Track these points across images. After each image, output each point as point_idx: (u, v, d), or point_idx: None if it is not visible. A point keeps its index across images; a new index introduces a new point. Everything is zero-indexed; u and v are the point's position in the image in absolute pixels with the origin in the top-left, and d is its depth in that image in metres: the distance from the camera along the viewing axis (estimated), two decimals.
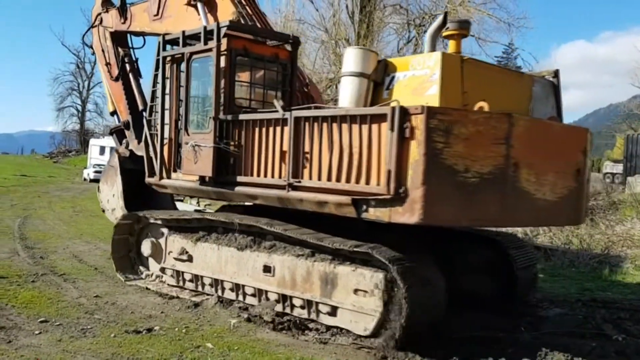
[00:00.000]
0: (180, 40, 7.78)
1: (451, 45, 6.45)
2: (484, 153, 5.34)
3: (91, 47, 11.17)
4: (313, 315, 6.27)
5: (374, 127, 5.50)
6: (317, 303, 6.19)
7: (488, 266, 7.45)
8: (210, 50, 7.25)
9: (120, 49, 10.53)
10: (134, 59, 10.53)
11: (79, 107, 73.33)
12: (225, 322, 6.34)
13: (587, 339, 6.33)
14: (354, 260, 5.90)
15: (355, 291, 5.81)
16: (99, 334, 5.74)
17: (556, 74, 7.07)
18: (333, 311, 6.08)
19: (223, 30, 7.21)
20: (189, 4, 8.72)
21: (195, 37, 7.62)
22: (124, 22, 10.23)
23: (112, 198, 9.59)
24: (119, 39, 10.61)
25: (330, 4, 28.58)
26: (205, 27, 7.50)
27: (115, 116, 10.70)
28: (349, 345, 5.72)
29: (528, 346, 5.86)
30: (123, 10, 10.20)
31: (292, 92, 7.99)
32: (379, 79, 6.25)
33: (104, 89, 10.78)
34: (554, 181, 5.97)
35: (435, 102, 5.59)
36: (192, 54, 7.59)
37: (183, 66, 7.77)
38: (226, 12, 8.43)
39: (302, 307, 6.35)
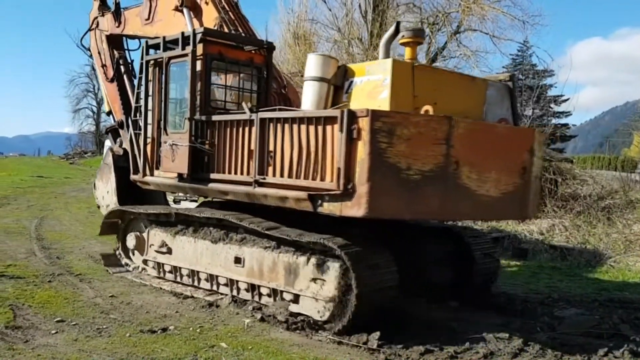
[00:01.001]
0: (161, 45, 8.26)
1: (407, 52, 6.86)
2: (425, 152, 5.83)
3: (89, 49, 11.52)
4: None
5: (328, 128, 5.98)
6: (281, 291, 6.66)
7: (451, 258, 7.96)
8: (186, 55, 7.74)
9: (115, 52, 10.89)
10: (128, 61, 10.90)
11: (95, 109, 74.00)
12: (239, 322, 6.36)
13: (604, 339, 6.27)
14: (314, 251, 6.35)
15: (314, 280, 6.29)
16: (114, 334, 5.78)
17: (512, 78, 7.51)
18: (296, 299, 6.52)
19: (198, 37, 7.69)
20: (176, 9, 9.12)
21: (174, 42, 8.05)
22: (118, 26, 10.64)
23: (106, 195, 9.99)
24: (115, 41, 10.95)
25: (343, 3, 28.52)
26: (182, 33, 7.91)
27: (110, 116, 11.03)
28: (359, 345, 5.71)
29: (544, 346, 5.81)
30: (117, 15, 10.61)
31: (267, 94, 8.43)
32: (338, 83, 6.73)
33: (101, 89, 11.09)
34: (497, 178, 6.45)
35: (386, 105, 6.08)
36: (170, 58, 8.12)
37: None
38: (210, 17, 8.87)
39: (269, 296, 6.83)
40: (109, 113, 11.07)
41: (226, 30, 8.60)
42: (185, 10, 8.99)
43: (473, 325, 6.72)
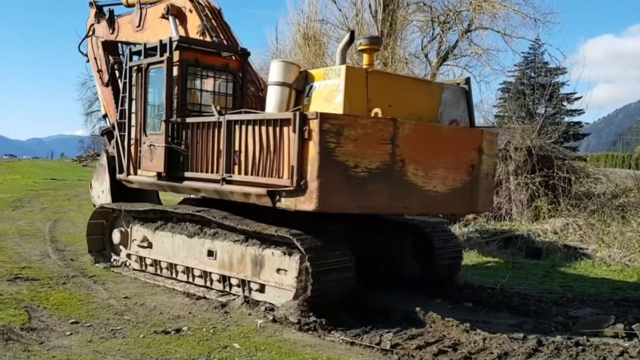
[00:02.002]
0: (143, 52, 8.76)
1: (365, 58, 7.28)
2: (372, 151, 6.29)
3: (86, 55, 11.88)
4: (247, 292, 7.20)
5: (284, 129, 6.42)
6: (249, 282, 7.14)
7: (417, 251, 8.49)
8: (163, 61, 8.22)
9: (111, 57, 11.27)
10: (123, 66, 11.11)
11: None
12: (252, 323, 6.37)
13: (619, 339, 6.20)
14: (278, 245, 6.80)
15: (278, 270, 6.77)
16: (128, 335, 5.81)
17: (467, 81, 7.93)
18: (262, 288, 7.03)
19: (175, 44, 8.18)
20: (163, 17, 9.57)
21: (154, 49, 8.50)
22: (112, 33, 11.07)
23: (101, 194, 10.35)
24: (110, 47, 11.38)
25: (353, 3, 28.48)
26: (161, 41, 8.38)
27: (106, 119, 11.42)
28: (372, 346, 5.70)
29: (559, 346, 5.76)
30: (111, 22, 11.07)
31: (242, 97, 8.87)
32: (300, 87, 7.17)
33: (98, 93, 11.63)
34: (445, 175, 6.98)
35: (340, 108, 6.49)
36: (149, 64, 8.60)
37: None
38: (194, 24, 9.31)
39: (238, 286, 7.30)
40: (105, 116, 11.49)
41: (208, 36, 9.00)
42: (170, 18, 9.42)
43: (487, 325, 6.69)
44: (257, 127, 6.77)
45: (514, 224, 14.60)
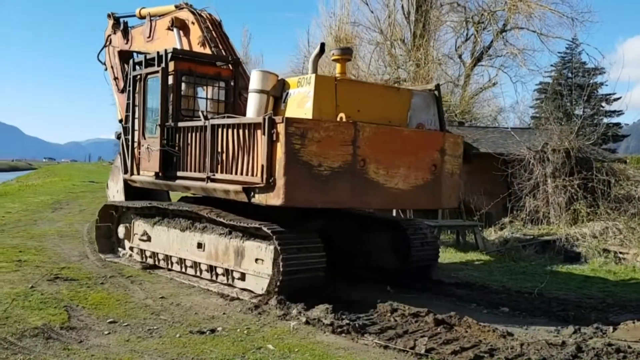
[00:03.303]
0: (143, 63, 9.52)
1: (338, 67, 8.00)
2: (334, 152, 6.93)
3: (104, 63, 12.61)
4: (230, 281, 7.88)
5: (257, 132, 7.07)
6: (232, 271, 7.80)
7: (394, 246, 8.98)
8: (158, 71, 9.02)
9: (126, 66, 11.75)
10: (129, 75, 11.67)
11: None
12: (285, 324, 6.38)
13: None
14: (256, 237, 7.42)
15: (256, 260, 7.39)
16: (164, 334, 5.88)
17: (437, 87, 8.53)
18: (242, 277, 7.68)
19: (169, 56, 8.92)
20: (169, 28, 10.39)
21: (153, 60, 9.24)
22: (126, 43, 11.87)
23: (116, 194, 11.06)
24: (125, 57, 12.00)
25: (386, 4, 28.37)
26: (158, 52, 9.16)
27: (122, 123, 11.99)
28: (406, 350, 5.64)
29: (598, 353, 5.60)
30: (125, 33, 11.90)
31: (234, 103, 9.57)
32: (277, 94, 7.78)
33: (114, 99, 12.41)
34: (406, 174, 7.60)
35: (310, 114, 7.11)
36: (147, 74, 9.38)
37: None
38: (195, 35, 10.07)
39: (223, 275, 7.99)
40: (121, 120, 12.00)
41: (207, 47, 9.74)
42: (175, 30, 10.26)
43: (524, 330, 6.56)
44: (235, 131, 7.48)
45: (552, 227, 14.27)
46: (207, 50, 9.75)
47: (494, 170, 15.96)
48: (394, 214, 15.34)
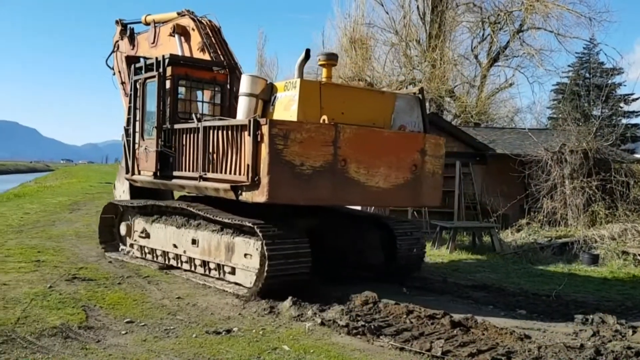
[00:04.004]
0: (143, 68, 9.95)
1: (324, 72, 8.36)
2: (315, 152, 7.27)
3: (112, 68, 12.95)
4: (221, 275, 8.27)
5: (243, 133, 7.40)
6: (223, 265, 8.21)
7: (382, 244, 9.32)
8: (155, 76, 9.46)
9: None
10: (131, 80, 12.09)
11: None
12: (300, 325, 6.38)
13: None
14: (246, 233, 7.78)
15: (245, 255, 7.77)
16: (181, 335, 5.91)
17: (421, 91, 8.97)
18: (233, 271, 8.07)
19: (166, 62, 9.33)
20: (171, 35, 10.81)
21: (152, 65, 9.65)
22: (132, 48, 12.27)
23: (122, 194, 11.53)
24: (132, 62, 12.08)
25: (401, 5, 28.31)
26: (156, 58, 9.54)
27: (124, 126, 12.38)
28: (422, 352, 5.61)
29: (617, 356, 5.51)
30: (132, 39, 12.32)
31: (230, 106, 9.78)
32: (266, 98, 8.21)
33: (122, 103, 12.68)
34: (387, 173, 7.94)
35: (295, 116, 7.52)
36: (146, 78, 9.80)
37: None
38: (195, 41, 10.46)
39: (215, 269, 8.39)
40: None
41: (207, 52, 10.12)
42: (176, 36, 10.68)
43: (542, 333, 6.49)
44: (224, 132, 7.85)
45: (570, 229, 14.13)
46: (207, 56, 10.11)
47: (510, 171, 15.85)
48: (409, 216, 15.31)
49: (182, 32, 10.70)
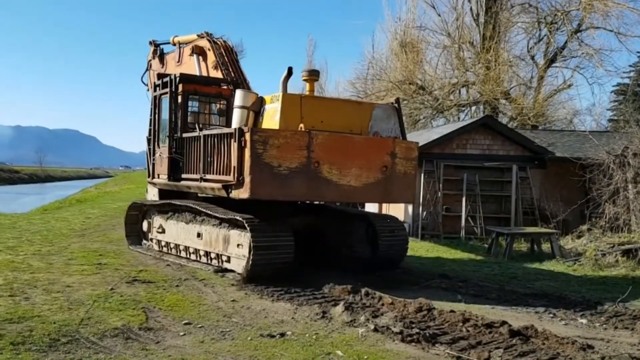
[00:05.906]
0: (160, 85, 11.29)
1: (307, 86, 9.69)
2: (291, 155, 8.35)
3: (146, 84, 14.13)
4: (220, 263, 9.44)
5: (232, 140, 8.53)
6: (221, 255, 9.43)
7: (368, 238, 10.18)
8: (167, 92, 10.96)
9: None
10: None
11: None
12: (353, 331, 6.34)
13: None
14: (239, 226, 8.82)
15: (238, 245, 8.91)
16: (237, 337, 5.98)
17: (397, 101, 10.00)
18: (228, 259, 9.28)
19: (177, 79, 10.74)
20: (191, 54, 12.17)
21: (166, 83, 11.00)
22: (162, 67, 13.52)
23: (153, 196, 12.35)
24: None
25: (453, 7, 27.94)
26: (169, 77, 10.96)
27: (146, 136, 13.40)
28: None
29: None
30: (161, 58, 13.69)
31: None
32: (257, 109, 9.31)
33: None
34: (358, 173, 8.89)
35: (277, 125, 8.65)
36: (161, 94, 11.29)
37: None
38: (210, 60, 11.71)
39: (215, 258, 9.62)
40: None
41: (220, 70, 11.29)
42: (194, 56, 12.04)
43: (605, 343, 6.23)
44: (219, 139, 9.04)
45: (633, 235, 13.52)
46: (219, 73, 11.28)
47: (570, 175, 15.35)
48: (463, 222, 14.99)
49: (199, 52, 11.96)
